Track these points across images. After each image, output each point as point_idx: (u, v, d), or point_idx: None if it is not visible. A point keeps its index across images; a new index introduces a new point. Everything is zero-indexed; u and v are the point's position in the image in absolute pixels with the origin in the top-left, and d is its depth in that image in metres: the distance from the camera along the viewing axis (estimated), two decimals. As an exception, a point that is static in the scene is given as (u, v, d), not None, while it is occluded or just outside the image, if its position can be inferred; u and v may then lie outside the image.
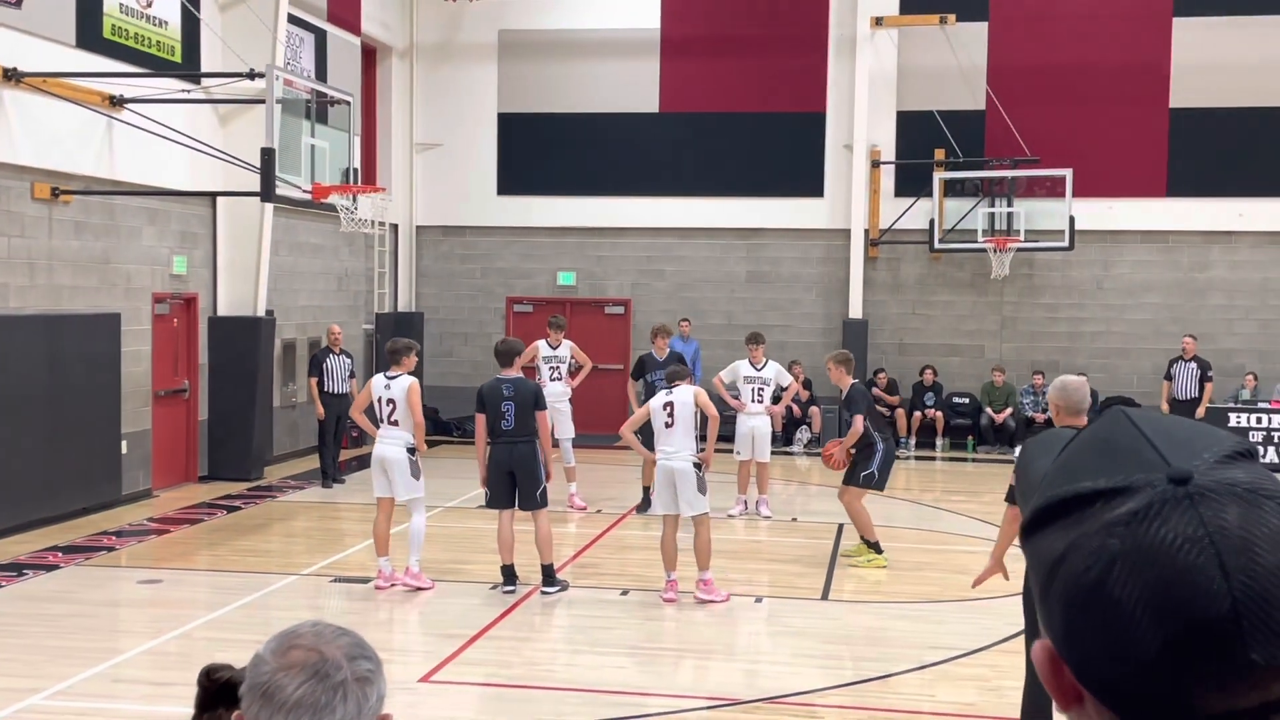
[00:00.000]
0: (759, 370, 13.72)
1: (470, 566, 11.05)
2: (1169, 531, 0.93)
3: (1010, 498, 6.68)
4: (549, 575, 10.08)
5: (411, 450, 10.08)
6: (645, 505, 13.98)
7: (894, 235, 19.98)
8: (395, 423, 10.07)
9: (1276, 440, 17.98)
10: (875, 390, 18.74)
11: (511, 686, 8.02)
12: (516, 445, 9.91)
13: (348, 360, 15.65)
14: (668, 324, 15.27)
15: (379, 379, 10.25)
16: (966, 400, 19.75)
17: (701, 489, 9.82)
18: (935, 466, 18.61)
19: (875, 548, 11.42)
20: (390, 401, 10.07)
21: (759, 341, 13.93)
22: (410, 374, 10.22)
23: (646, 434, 10.44)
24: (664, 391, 10.09)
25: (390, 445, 10.07)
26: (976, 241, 19.21)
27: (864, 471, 11.32)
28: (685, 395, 9.92)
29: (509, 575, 10.10)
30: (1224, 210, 19.26)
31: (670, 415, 9.84)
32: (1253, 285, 19.45)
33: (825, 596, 10.41)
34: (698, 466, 9.85)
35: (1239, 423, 17.98)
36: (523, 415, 9.90)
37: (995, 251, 19.07)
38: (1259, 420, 18.03)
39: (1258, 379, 18.72)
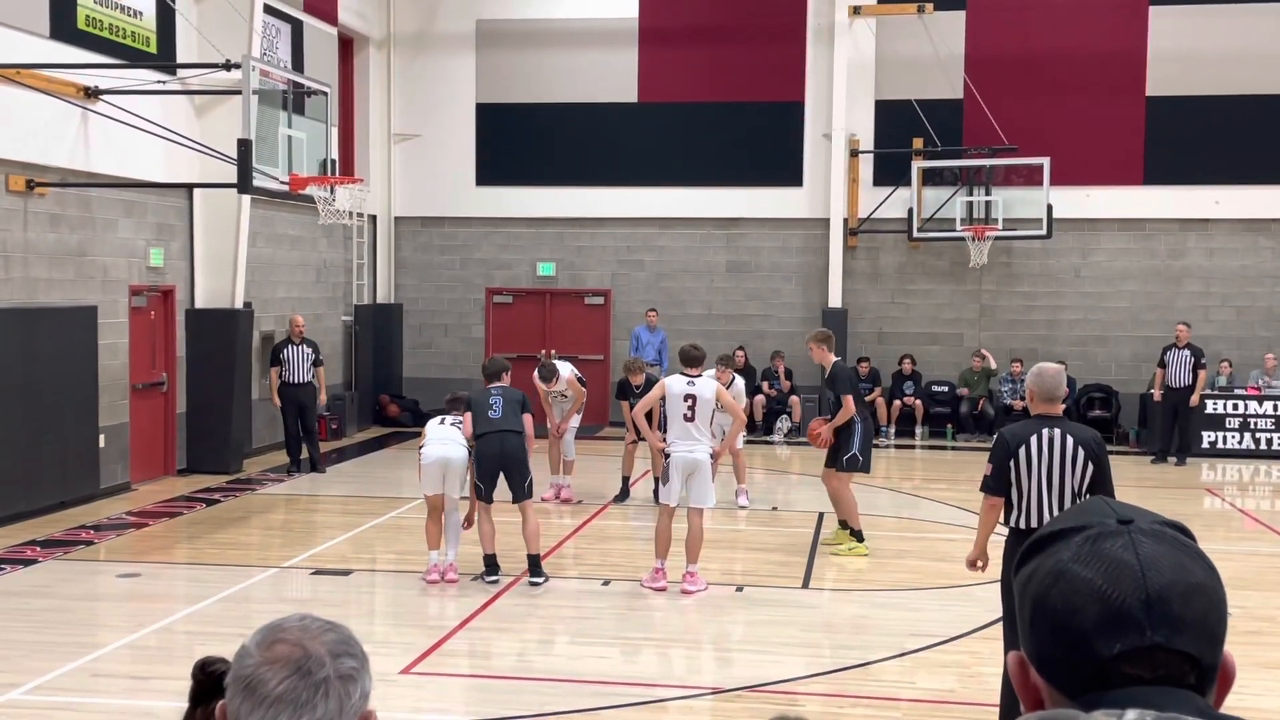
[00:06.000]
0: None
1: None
2: (1109, 547, 1.32)
3: (985, 486, 6.70)
4: (536, 565, 10.15)
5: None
6: (623, 495, 14.00)
7: (873, 224, 20.02)
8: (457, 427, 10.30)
9: (1253, 427, 18.10)
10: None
11: (493, 678, 8.03)
12: (506, 436, 9.98)
13: (309, 350, 15.83)
14: (635, 361, 14.56)
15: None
16: (946, 389, 19.82)
17: (712, 481, 9.99)
18: (915, 455, 18.67)
19: (857, 536, 11.39)
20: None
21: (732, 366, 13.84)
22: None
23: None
24: (686, 383, 9.91)
25: (455, 447, 10.16)
26: (955, 230, 19.28)
27: (846, 455, 11.22)
28: (707, 390, 9.91)
29: (491, 565, 10.14)
30: (1200, 198, 19.37)
31: (691, 409, 9.84)
32: (1229, 272, 19.57)
33: (806, 585, 10.44)
34: (712, 457, 9.95)
35: (1215, 409, 18.09)
36: (510, 409, 9.99)
37: (973, 240, 19.13)
38: (1235, 407, 18.13)
39: (1233, 366, 18.83)
